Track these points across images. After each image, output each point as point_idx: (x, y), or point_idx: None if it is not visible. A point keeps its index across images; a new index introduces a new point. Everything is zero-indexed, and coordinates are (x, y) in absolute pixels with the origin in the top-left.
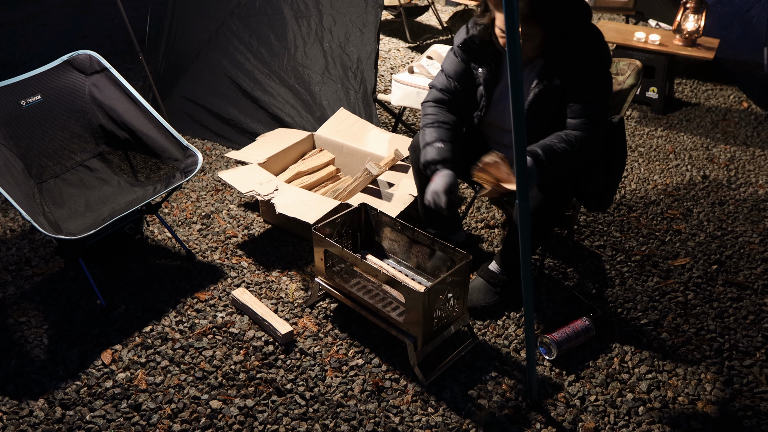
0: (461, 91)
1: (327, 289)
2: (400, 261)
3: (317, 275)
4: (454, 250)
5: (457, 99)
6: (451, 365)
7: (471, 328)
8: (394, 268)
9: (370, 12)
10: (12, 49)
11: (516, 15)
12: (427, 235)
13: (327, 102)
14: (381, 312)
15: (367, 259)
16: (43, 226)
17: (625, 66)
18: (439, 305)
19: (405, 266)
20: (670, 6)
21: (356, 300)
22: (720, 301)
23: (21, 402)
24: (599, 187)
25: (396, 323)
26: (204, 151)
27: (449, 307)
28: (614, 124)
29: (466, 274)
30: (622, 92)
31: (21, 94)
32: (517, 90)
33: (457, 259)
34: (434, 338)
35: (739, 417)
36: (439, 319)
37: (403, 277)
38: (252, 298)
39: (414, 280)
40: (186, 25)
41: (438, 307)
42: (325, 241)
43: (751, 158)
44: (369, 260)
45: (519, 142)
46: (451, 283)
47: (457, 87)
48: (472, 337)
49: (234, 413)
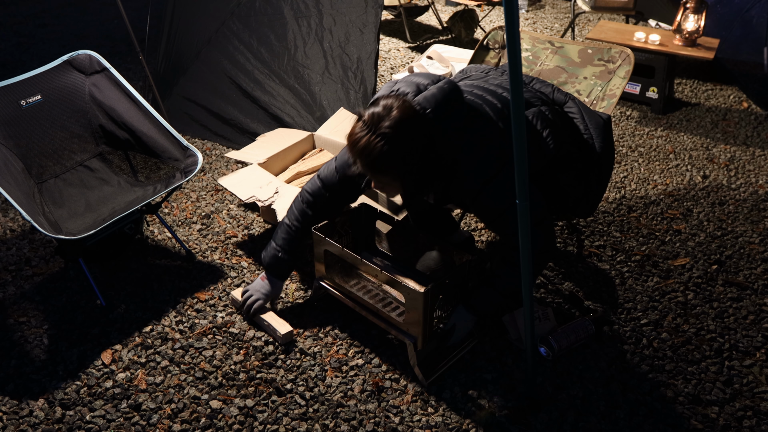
0: (342, 189)
1: (327, 289)
2: (399, 260)
3: (317, 275)
4: (453, 249)
5: (328, 200)
6: (452, 365)
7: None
8: (394, 267)
9: (370, 12)
10: (12, 49)
11: (516, 14)
12: (426, 234)
13: (327, 102)
14: (381, 312)
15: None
16: (43, 226)
17: (616, 54)
18: (439, 305)
19: (405, 266)
20: (670, 6)
21: (356, 300)
22: (720, 301)
23: (21, 402)
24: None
25: (396, 323)
26: (204, 151)
27: (449, 307)
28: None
29: (466, 273)
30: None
31: (21, 94)
32: (517, 91)
33: (457, 259)
34: (434, 338)
35: (739, 417)
36: (440, 319)
37: (403, 277)
38: None
39: (414, 280)
40: (186, 25)
41: (438, 307)
42: (324, 241)
43: (751, 158)
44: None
45: (519, 140)
46: (451, 283)
47: (335, 188)
48: (473, 336)
49: (234, 413)
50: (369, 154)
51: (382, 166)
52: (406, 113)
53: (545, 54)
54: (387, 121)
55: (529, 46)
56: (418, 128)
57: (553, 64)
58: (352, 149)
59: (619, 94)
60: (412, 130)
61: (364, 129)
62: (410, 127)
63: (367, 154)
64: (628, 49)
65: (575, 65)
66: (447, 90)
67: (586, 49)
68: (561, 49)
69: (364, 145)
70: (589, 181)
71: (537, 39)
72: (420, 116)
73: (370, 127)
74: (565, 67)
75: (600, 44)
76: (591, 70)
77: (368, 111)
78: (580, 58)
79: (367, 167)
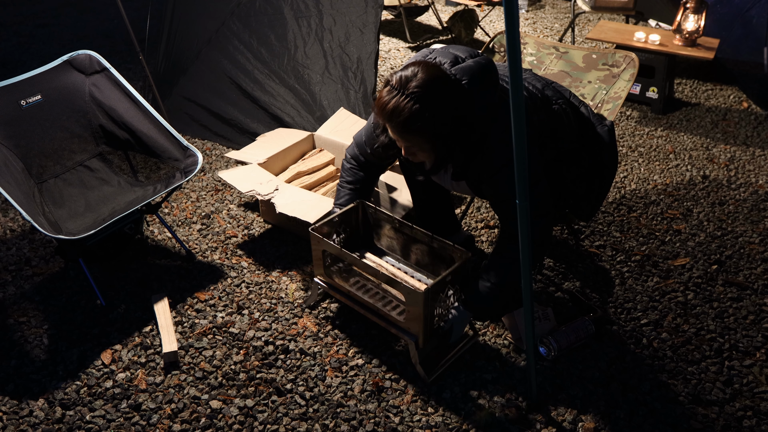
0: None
1: (326, 289)
2: (398, 259)
3: (316, 275)
4: (453, 247)
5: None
6: (451, 364)
7: (472, 326)
8: (393, 266)
9: (370, 12)
10: (12, 49)
11: (516, 14)
12: (425, 232)
13: (327, 102)
14: (381, 311)
15: (365, 258)
16: (43, 226)
17: (620, 58)
18: (439, 303)
19: (404, 264)
20: (670, 6)
21: (356, 299)
22: (720, 301)
23: (21, 402)
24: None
25: (396, 322)
26: (204, 151)
27: (449, 305)
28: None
29: (466, 271)
30: (616, 85)
31: (21, 94)
32: (517, 90)
33: (456, 257)
34: (435, 336)
35: (739, 417)
36: (440, 317)
37: (403, 275)
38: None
39: (413, 278)
40: (186, 25)
41: (438, 305)
42: (322, 241)
43: (751, 158)
44: (368, 259)
45: (519, 140)
46: (451, 281)
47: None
48: (473, 334)
49: (234, 413)
50: (399, 114)
51: (413, 125)
52: (436, 75)
53: (550, 59)
54: (415, 82)
55: (534, 51)
56: (449, 93)
57: (558, 69)
58: (381, 113)
59: (624, 96)
60: (442, 93)
61: (392, 92)
62: (440, 88)
63: (398, 115)
64: (633, 54)
65: (579, 70)
66: (484, 64)
67: (590, 54)
68: (566, 54)
69: (394, 106)
70: (591, 181)
71: (542, 44)
72: (453, 83)
73: (399, 89)
74: (569, 71)
75: (604, 49)
76: (595, 74)
77: (396, 75)
78: (585, 63)
79: (397, 129)
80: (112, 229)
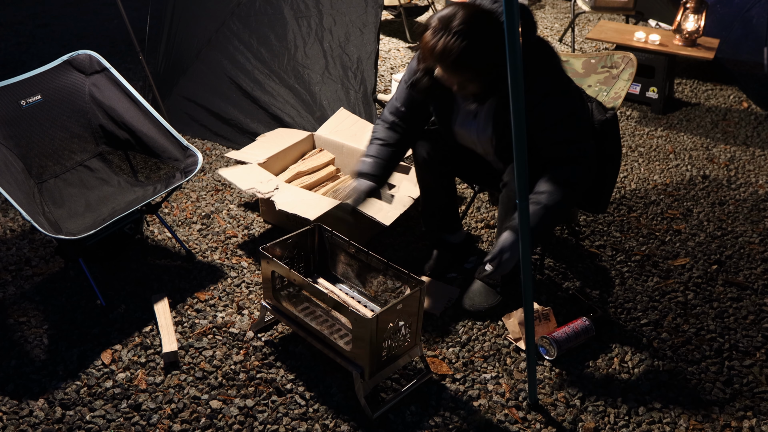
0: (411, 113)
1: (272, 312)
2: (353, 286)
3: (264, 298)
4: (408, 276)
5: (405, 120)
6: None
7: (425, 360)
8: (346, 293)
9: (370, 12)
10: (12, 49)
11: (516, 14)
12: (381, 259)
13: (327, 102)
14: (327, 339)
15: (317, 283)
16: (43, 226)
17: (619, 59)
18: (389, 334)
19: (358, 292)
20: (670, 6)
21: (302, 326)
22: (720, 301)
23: (21, 402)
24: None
25: (342, 351)
26: (204, 151)
27: (401, 337)
28: (606, 120)
29: (419, 302)
30: (617, 85)
31: (21, 94)
32: (517, 89)
33: (411, 286)
34: (383, 369)
35: (739, 417)
36: (389, 349)
37: (353, 302)
38: None
39: (366, 307)
40: (186, 25)
41: (388, 337)
42: (272, 262)
43: (751, 158)
44: (319, 284)
45: (519, 140)
46: (403, 310)
47: (404, 111)
48: (425, 370)
49: (234, 413)
50: (449, 53)
51: (464, 62)
52: (476, 10)
53: None
54: (457, 20)
55: None
56: (492, 25)
57: None
58: (429, 55)
59: (624, 95)
60: (486, 26)
61: (437, 33)
62: (483, 22)
63: (448, 54)
64: (630, 53)
65: (580, 76)
66: (524, 6)
67: (589, 59)
68: (566, 63)
69: (443, 46)
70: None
71: None
72: (496, 17)
73: (444, 29)
74: None
75: (602, 51)
76: (595, 78)
77: (435, 17)
78: (584, 69)
79: (449, 67)
80: (112, 229)
